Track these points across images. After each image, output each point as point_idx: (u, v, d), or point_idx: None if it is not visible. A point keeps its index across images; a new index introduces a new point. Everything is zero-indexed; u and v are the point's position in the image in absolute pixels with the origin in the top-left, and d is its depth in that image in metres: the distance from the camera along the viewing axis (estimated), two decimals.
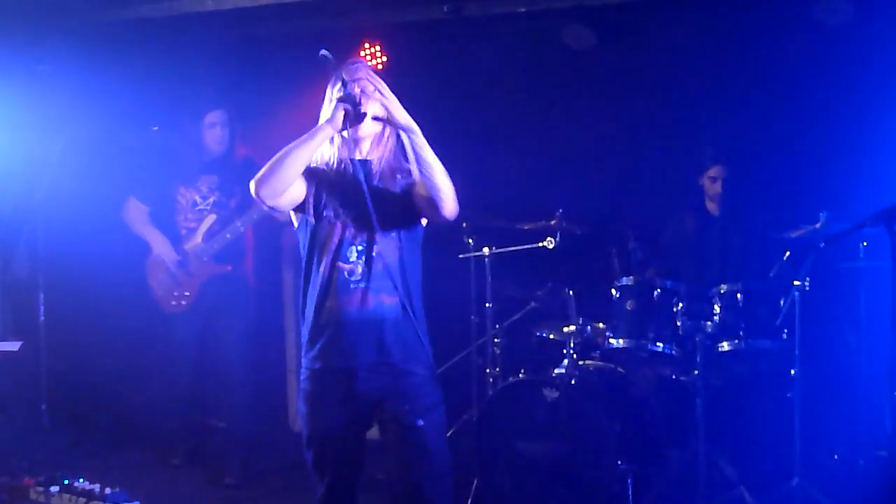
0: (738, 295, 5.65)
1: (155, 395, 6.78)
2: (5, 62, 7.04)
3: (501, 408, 5.65)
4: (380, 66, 7.40)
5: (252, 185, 3.82)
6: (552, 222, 5.94)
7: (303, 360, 4.03)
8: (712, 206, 6.38)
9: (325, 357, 3.94)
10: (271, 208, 3.92)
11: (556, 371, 5.72)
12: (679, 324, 5.66)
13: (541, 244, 5.97)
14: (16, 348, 6.66)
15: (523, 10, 6.71)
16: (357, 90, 3.92)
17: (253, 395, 6.50)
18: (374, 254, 3.94)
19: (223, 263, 6.30)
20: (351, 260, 3.93)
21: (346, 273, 3.92)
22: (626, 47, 6.91)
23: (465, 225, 6.23)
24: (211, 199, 6.32)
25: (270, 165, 3.79)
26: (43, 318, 7.18)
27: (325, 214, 3.95)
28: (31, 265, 7.41)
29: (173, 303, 6.36)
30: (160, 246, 6.37)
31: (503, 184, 7.03)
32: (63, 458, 6.54)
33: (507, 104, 7.20)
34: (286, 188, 3.84)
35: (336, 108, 3.85)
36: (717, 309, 5.68)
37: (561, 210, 5.93)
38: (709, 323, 5.64)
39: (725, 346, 5.64)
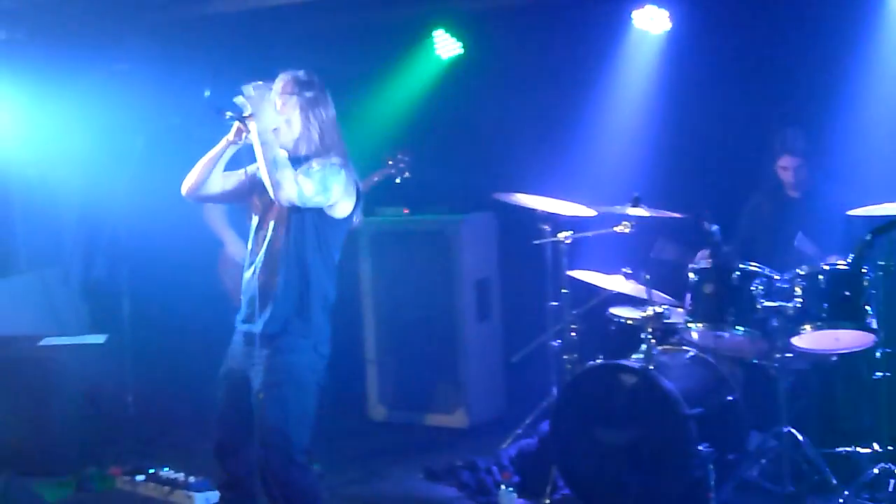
0: (820, 276, 5.51)
1: None
2: (84, 62, 7.17)
3: (580, 393, 5.62)
4: (454, 55, 7.41)
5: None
6: (628, 206, 5.87)
7: None
8: (791, 190, 6.24)
9: (239, 318, 4.64)
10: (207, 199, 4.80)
11: (634, 356, 5.65)
12: (759, 307, 5.54)
13: (617, 229, 5.90)
14: (101, 341, 6.79)
15: None
16: (279, 105, 4.51)
17: (332, 385, 6.50)
18: (266, 238, 4.49)
19: None
20: (257, 241, 4.54)
21: (250, 252, 4.56)
22: (703, 29, 6.82)
23: (540, 211, 6.19)
24: None
25: (192, 171, 4.61)
26: (127, 311, 7.28)
27: (251, 204, 4.62)
28: (114, 260, 7.53)
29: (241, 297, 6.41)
30: (234, 245, 6.42)
31: (579, 168, 6.99)
32: (149, 448, 6.65)
33: (583, 90, 7.16)
34: (200, 188, 4.61)
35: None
36: (798, 291, 5.54)
37: (637, 193, 5.86)
38: (790, 305, 5.50)
39: (808, 328, 5.50)
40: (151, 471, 6.08)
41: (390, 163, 6.45)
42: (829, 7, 6.36)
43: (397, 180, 6.47)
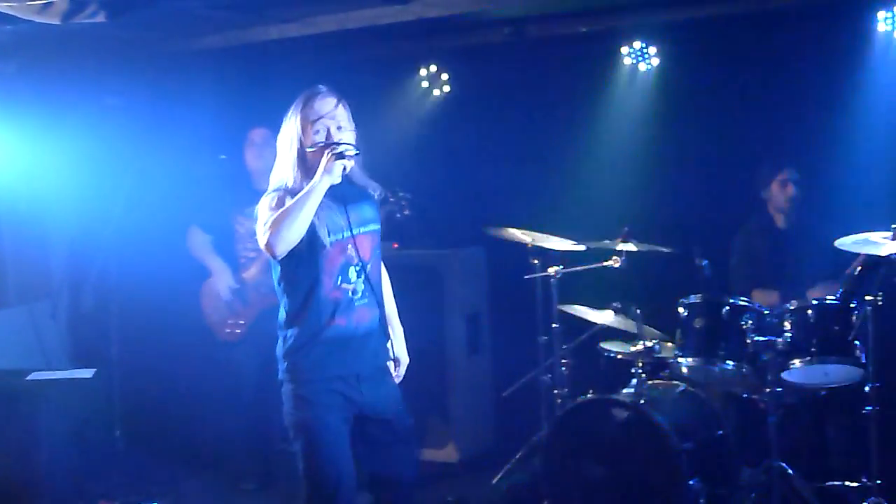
0: (809, 311, 5.55)
1: (225, 421, 6.83)
2: (75, 96, 7.19)
3: (570, 428, 5.63)
4: (443, 91, 7.47)
5: (266, 247, 4.08)
6: (618, 241, 5.91)
7: (300, 371, 4.29)
8: (779, 219, 6.32)
9: (332, 367, 4.26)
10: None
11: (624, 391, 5.67)
12: (749, 341, 5.57)
13: (607, 263, 5.94)
14: (89, 375, 6.77)
15: (584, 30, 6.72)
16: (334, 128, 4.23)
17: None
18: (367, 272, 4.30)
19: None
20: (352, 280, 4.28)
21: (349, 292, 4.26)
22: (690, 64, 6.91)
23: (530, 245, 6.22)
24: None
25: (281, 225, 4.02)
26: (115, 345, 7.26)
27: (321, 240, 4.19)
28: (102, 295, 7.51)
29: (227, 330, 6.44)
30: (221, 274, 6.45)
31: (567, 203, 7.03)
32: (137, 483, 6.61)
33: (570, 123, 7.22)
34: (297, 241, 4.08)
35: (331, 161, 4.07)
36: (787, 326, 5.57)
37: (627, 228, 5.90)
38: (779, 340, 5.53)
39: (797, 363, 5.53)
40: None
41: (391, 200, 6.49)
42: (818, 42, 6.46)
43: (397, 216, 6.50)
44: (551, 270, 6.16)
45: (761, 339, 5.54)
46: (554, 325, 6.24)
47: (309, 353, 4.26)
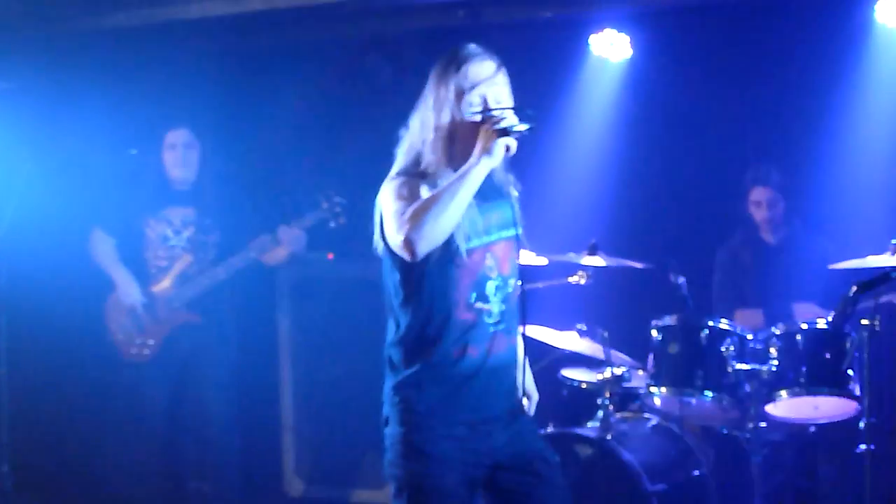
0: (798, 336, 5.57)
1: (129, 455, 6.73)
2: None
3: None
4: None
5: (404, 244, 3.62)
6: (584, 254, 5.88)
7: (415, 413, 3.90)
8: (767, 234, 6.31)
9: (458, 411, 3.84)
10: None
11: (589, 425, 5.66)
12: (730, 370, 5.58)
13: (571, 279, 5.90)
14: None
15: (549, 15, 6.69)
16: (492, 99, 3.89)
17: (242, 456, 6.46)
18: (507, 290, 3.89)
19: (195, 312, 6.26)
20: (490, 299, 3.85)
21: (484, 314, 3.83)
22: (665, 57, 6.90)
23: None
24: (185, 235, 6.31)
25: (426, 217, 3.59)
26: (4, 366, 7.12)
27: (456, 243, 3.76)
28: None
29: (133, 351, 6.35)
30: (125, 285, 6.35)
31: (526, 209, 6.98)
32: None
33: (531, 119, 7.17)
34: (442, 240, 3.66)
35: (492, 138, 3.71)
36: (773, 352, 5.59)
37: (594, 240, 5.87)
38: (764, 368, 5.54)
39: (784, 394, 5.54)
40: None
41: (325, 205, 6.41)
42: (812, 33, 6.47)
43: (331, 224, 6.43)
44: None
45: (744, 367, 5.57)
46: None
47: (430, 390, 3.83)
